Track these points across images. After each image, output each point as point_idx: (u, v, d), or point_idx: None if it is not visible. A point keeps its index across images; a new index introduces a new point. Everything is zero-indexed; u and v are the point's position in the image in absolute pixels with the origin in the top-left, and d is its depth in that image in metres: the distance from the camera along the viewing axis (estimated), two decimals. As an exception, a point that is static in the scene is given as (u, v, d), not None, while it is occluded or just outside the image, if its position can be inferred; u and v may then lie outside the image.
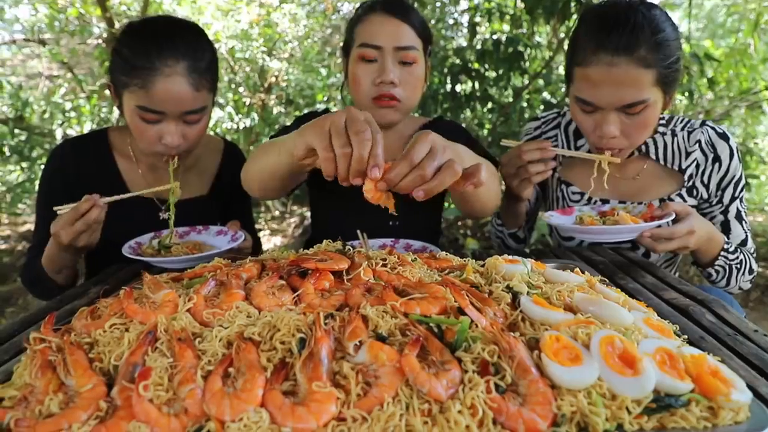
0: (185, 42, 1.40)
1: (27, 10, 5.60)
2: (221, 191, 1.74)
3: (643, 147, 1.54)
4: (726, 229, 1.54)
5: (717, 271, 1.45)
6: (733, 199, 1.53)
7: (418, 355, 0.71)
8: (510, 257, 1.05)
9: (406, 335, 0.75)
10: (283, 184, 1.27)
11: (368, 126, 0.90)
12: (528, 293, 0.87)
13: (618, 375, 0.67)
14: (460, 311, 0.81)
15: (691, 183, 1.53)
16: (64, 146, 1.63)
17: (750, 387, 0.70)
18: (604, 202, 1.59)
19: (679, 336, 0.84)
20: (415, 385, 0.66)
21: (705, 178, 1.52)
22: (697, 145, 1.51)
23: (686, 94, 3.66)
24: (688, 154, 1.52)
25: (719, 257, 1.42)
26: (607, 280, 1.06)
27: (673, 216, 1.31)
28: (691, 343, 0.86)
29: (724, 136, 1.52)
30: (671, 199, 1.54)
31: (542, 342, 0.72)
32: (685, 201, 1.52)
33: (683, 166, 1.52)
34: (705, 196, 1.54)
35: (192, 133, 1.46)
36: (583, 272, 1.03)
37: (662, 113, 1.47)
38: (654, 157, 1.54)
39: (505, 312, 0.83)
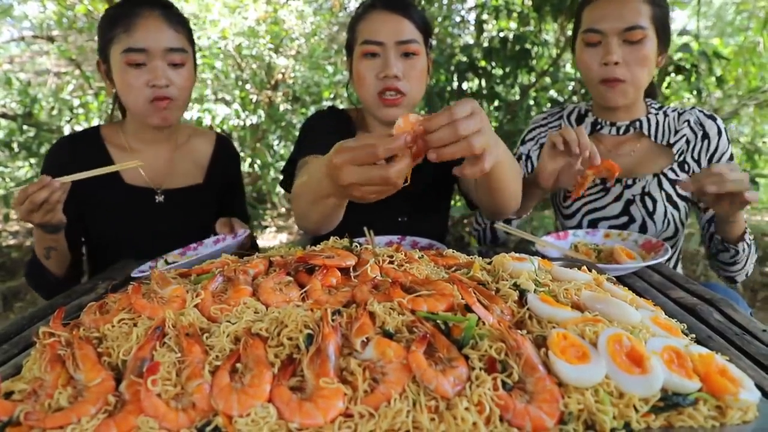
0: (160, 2, 1.55)
1: (35, 6, 5.62)
2: (215, 181, 1.77)
3: (638, 124, 1.64)
4: None
5: (743, 249, 1.47)
6: None
7: (425, 352, 0.71)
8: (517, 255, 1.05)
9: (413, 332, 0.76)
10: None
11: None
12: (535, 291, 0.87)
13: (625, 373, 0.67)
14: (468, 308, 0.81)
15: (681, 158, 1.62)
16: (62, 143, 1.67)
17: (758, 386, 0.70)
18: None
19: (686, 335, 0.84)
20: (422, 381, 0.67)
21: (695, 154, 1.61)
22: (686, 124, 1.63)
23: (694, 92, 3.63)
24: (677, 132, 1.63)
25: (746, 230, 1.45)
26: (615, 279, 1.05)
27: (669, 253, 1.31)
28: (698, 342, 0.85)
29: (711, 117, 1.63)
30: (664, 174, 1.61)
31: (549, 340, 0.72)
32: (677, 175, 1.61)
33: (672, 141, 1.62)
34: (697, 171, 1.61)
35: (178, 80, 1.53)
36: (590, 270, 1.03)
37: (657, 68, 1.61)
38: (647, 133, 1.64)
39: (513, 309, 0.83)
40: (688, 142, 1.61)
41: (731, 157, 1.60)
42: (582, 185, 1.41)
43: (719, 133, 1.60)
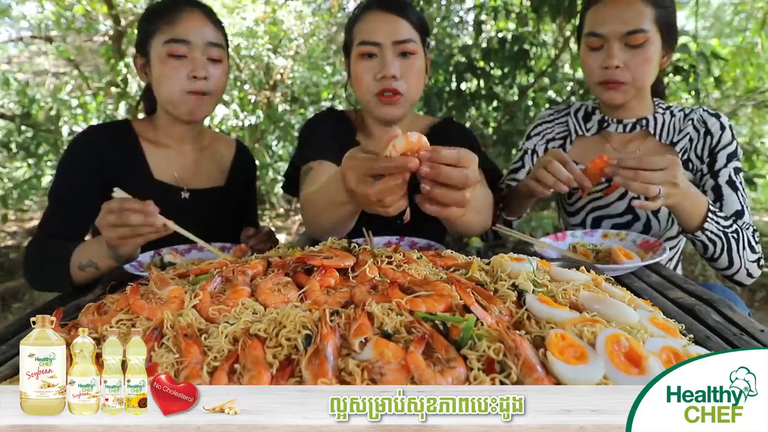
0: (201, 3, 1.63)
1: (34, 7, 5.62)
2: (235, 185, 1.79)
3: (644, 122, 1.63)
4: (718, 195, 1.53)
5: (712, 241, 1.39)
6: (725, 166, 1.55)
7: (423, 352, 0.71)
8: (516, 255, 1.05)
9: (412, 332, 0.75)
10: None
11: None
12: (533, 291, 0.87)
13: (623, 373, 0.67)
14: (466, 309, 0.81)
15: (685, 157, 1.60)
16: (95, 128, 1.70)
17: (756, 386, 0.70)
18: (608, 179, 1.58)
19: (684, 335, 0.84)
20: (421, 382, 0.67)
21: (698, 152, 1.60)
22: (690, 122, 1.62)
23: (692, 93, 3.64)
24: (680, 131, 1.62)
25: (708, 219, 1.37)
26: (613, 279, 1.05)
27: (667, 253, 1.31)
28: (696, 342, 0.85)
29: (715, 115, 1.61)
30: None
31: (548, 340, 0.72)
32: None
33: (675, 141, 1.62)
34: (700, 168, 1.60)
35: (215, 74, 1.57)
36: (588, 270, 1.03)
37: (662, 68, 1.60)
38: (652, 132, 1.64)
39: (511, 310, 0.83)
40: (691, 140, 1.60)
41: (735, 152, 1.56)
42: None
43: (722, 128, 1.58)
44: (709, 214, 1.37)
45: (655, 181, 1.25)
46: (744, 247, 1.44)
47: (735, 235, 1.42)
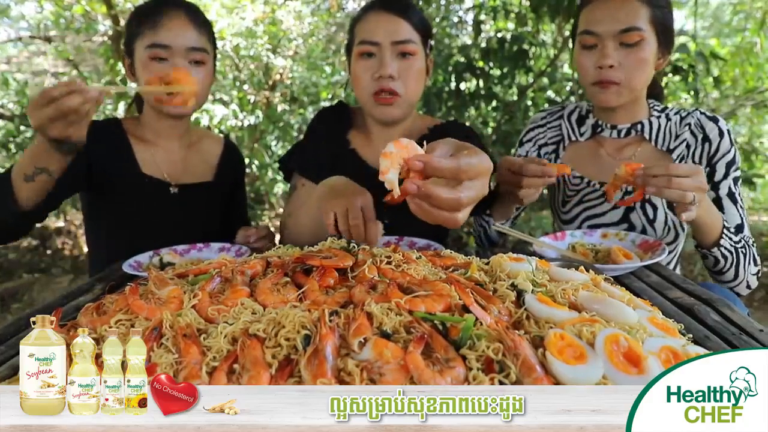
0: (186, 3, 1.64)
1: (32, 7, 5.62)
2: (224, 181, 1.82)
3: (639, 127, 1.61)
4: (718, 207, 1.52)
5: (725, 256, 1.41)
6: (725, 177, 1.54)
7: (422, 352, 0.71)
8: (515, 255, 1.05)
9: (411, 332, 0.75)
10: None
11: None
12: (533, 291, 0.87)
13: (623, 373, 0.67)
14: (465, 309, 0.81)
15: (682, 163, 1.57)
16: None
17: (755, 386, 0.70)
18: (602, 184, 1.62)
19: (683, 335, 0.84)
20: (420, 382, 0.67)
21: (696, 159, 1.57)
22: (687, 127, 1.58)
23: (691, 92, 3.65)
24: (677, 136, 1.59)
25: (723, 236, 1.38)
26: (612, 279, 1.06)
27: (666, 253, 1.31)
28: (695, 342, 0.85)
29: (713, 119, 1.58)
30: None
31: (547, 340, 0.72)
32: None
33: (671, 147, 1.59)
34: None
35: (197, 76, 1.58)
36: (587, 270, 1.03)
37: (657, 70, 1.58)
38: (648, 137, 1.61)
39: (510, 310, 0.83)
40: (688, 146, 1.57)
41: (734, 160, 1.54)
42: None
43: (720, 134, 1.54)
44: (724, 230, 1.38)
45: (687, 187, 1.22)
46: (749, 262, 1.47)
47: (744, 250, 1.44)
